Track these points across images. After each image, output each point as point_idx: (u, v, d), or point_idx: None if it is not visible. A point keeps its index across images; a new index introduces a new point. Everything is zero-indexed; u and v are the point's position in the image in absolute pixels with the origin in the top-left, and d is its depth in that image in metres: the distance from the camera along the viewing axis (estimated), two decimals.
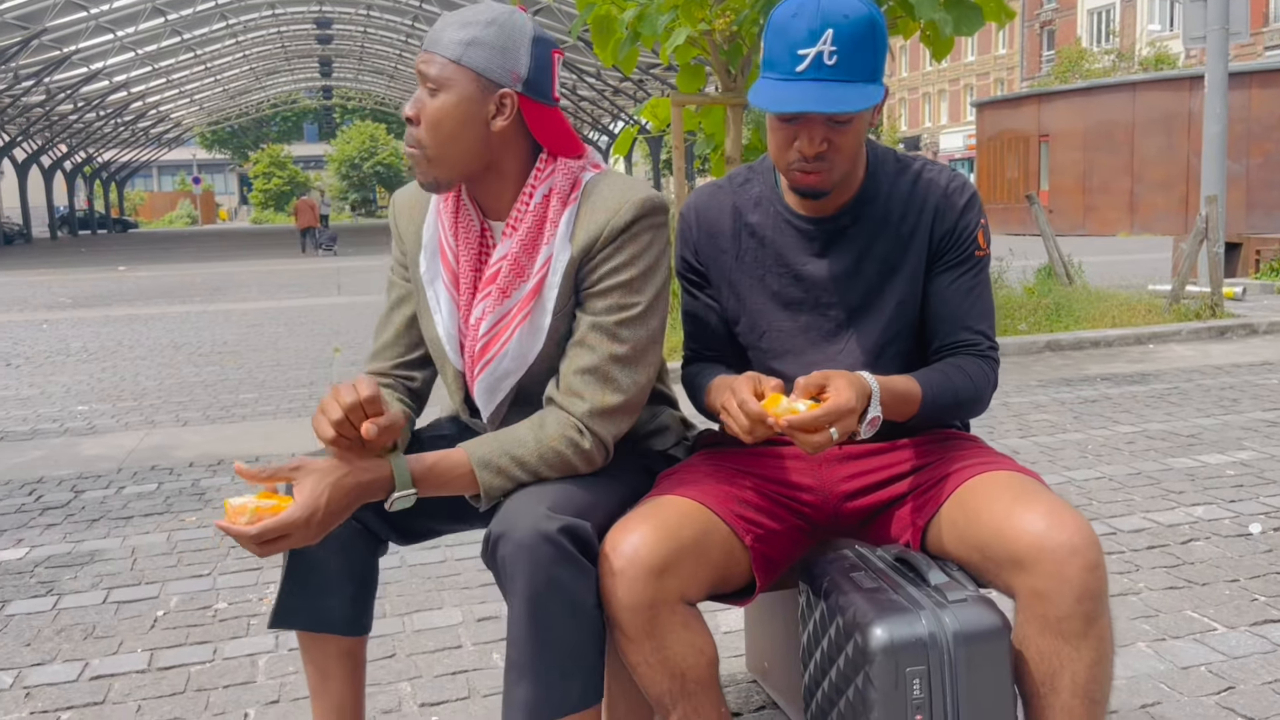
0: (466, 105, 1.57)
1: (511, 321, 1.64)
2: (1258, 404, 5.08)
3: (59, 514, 3.90)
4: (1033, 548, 1.42)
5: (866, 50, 1.51)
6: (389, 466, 1.51)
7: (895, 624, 1.41)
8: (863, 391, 1.51)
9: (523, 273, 1.63)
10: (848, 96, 1.49)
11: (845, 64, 1.50)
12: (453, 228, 1.68)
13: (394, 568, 3.19)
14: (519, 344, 1.65)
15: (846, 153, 1.58)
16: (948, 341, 1.70)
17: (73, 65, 32.42)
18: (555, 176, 1.63)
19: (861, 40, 1.50)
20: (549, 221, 1.62)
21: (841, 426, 1.45)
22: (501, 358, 1.66)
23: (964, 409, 1.70)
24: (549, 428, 1.59)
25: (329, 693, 1.75)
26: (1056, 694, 1.44)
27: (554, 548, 1.46)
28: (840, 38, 1.49)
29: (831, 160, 1.57)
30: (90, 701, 2.38)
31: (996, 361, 1.72)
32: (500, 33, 1.56)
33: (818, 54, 1.49)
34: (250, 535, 1.41)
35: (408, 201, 1.78)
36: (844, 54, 1.49)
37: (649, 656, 1.53)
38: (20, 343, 9.31)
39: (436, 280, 1.70)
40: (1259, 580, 2.82)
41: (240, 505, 1.43)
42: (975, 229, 1.69)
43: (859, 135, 1.58)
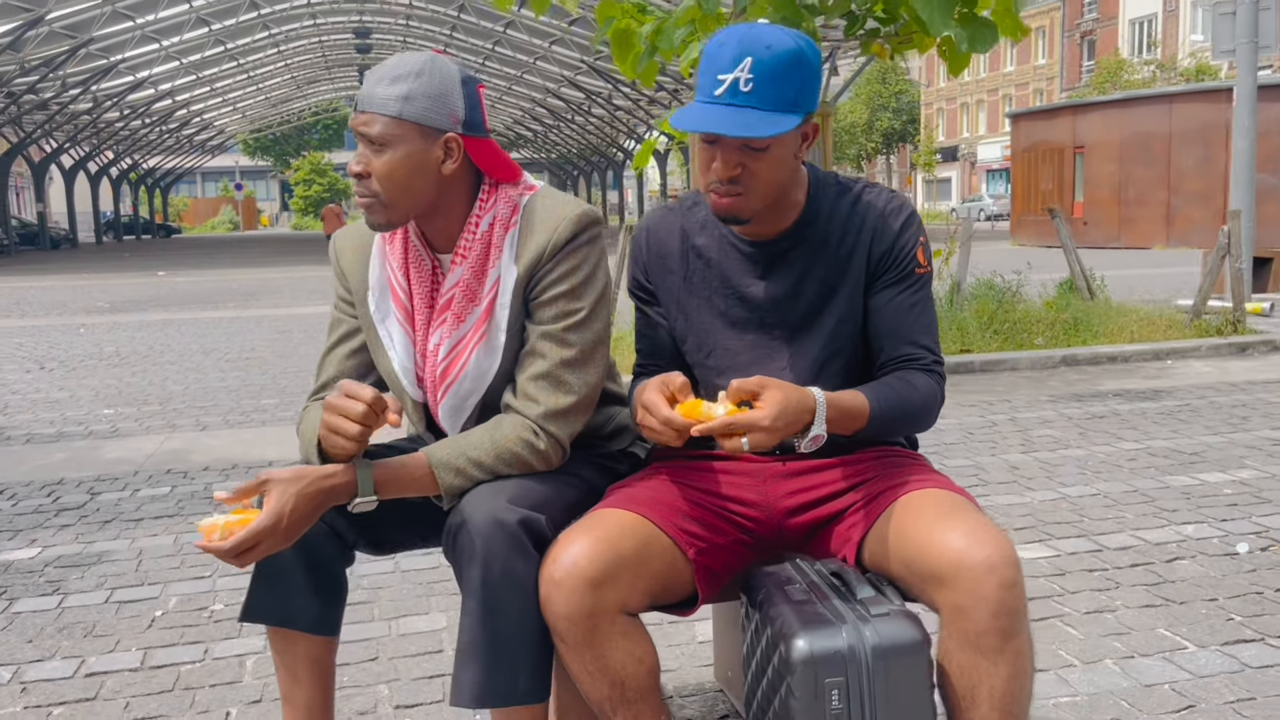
0: (414, 156, 1.65)
1: (468, 344, 1.72)
2: (1268, 422, 5.04)
3: (73, 515, 4.02)
4: (952, 565, 1.46)
5: (785, 82, 1.56)
6: (353, 472, 1.59)
7: (816, 636, 1.46)
8: (798, 408, 1.55)
9: (474, 297, 1.71)
10: (754, 123, 1.55)
11: (760, 92, 1.55)
12: (403, 267, 1.76)
13: (388, 573, 3.27)
14: (477, 364, 1.73)
15: (762, 178, 1.63)
16: (892, 356, 1.75)
17: (119, 74, 33.10)
18: (498, 205, 1.71)
19: (781, 72, 1.56)
20: (494, 246, 1.70)
21: (753, 439, 1.50)
22: (462, 379, 1.73)
23: (912, 422, 1.74)
24: (505, 429, 1.67)
25: (298, 698, 1.82)
26: (976, 707, 1.48)
27: (509, 537, 1.54)
28: (758, 67, 1.55)
29: (746, 185, 1.63)
30: (82, 698, 2.47)
31: (942, 376, 1.76)
32: (431, 81, 1.63)
33: (735, 80, 1.55)
34: (225, 549, 1.50)
35: (350, 243, 1.86)
36: (760, 83, 1.55)
37: (589, 665, 1.58)
38: (56, 346, 9.54)
39: (388, 318, 1.78)
40: (1237, 600, 2.82)
41: (210, 524, 1.52)
42: (913, 248, 1.73)
43: (777, 162, 1.63)
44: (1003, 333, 7.44)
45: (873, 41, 6.99)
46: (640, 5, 6.96)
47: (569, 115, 44.77)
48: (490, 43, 34.87)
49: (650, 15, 6.89)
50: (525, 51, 34.99)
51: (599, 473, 1.85)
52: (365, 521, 1.78)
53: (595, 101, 38.76)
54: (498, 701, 1.59)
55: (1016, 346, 7.22)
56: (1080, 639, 2.60)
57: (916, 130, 55.27)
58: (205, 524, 1.51)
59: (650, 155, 8.28)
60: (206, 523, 1.51)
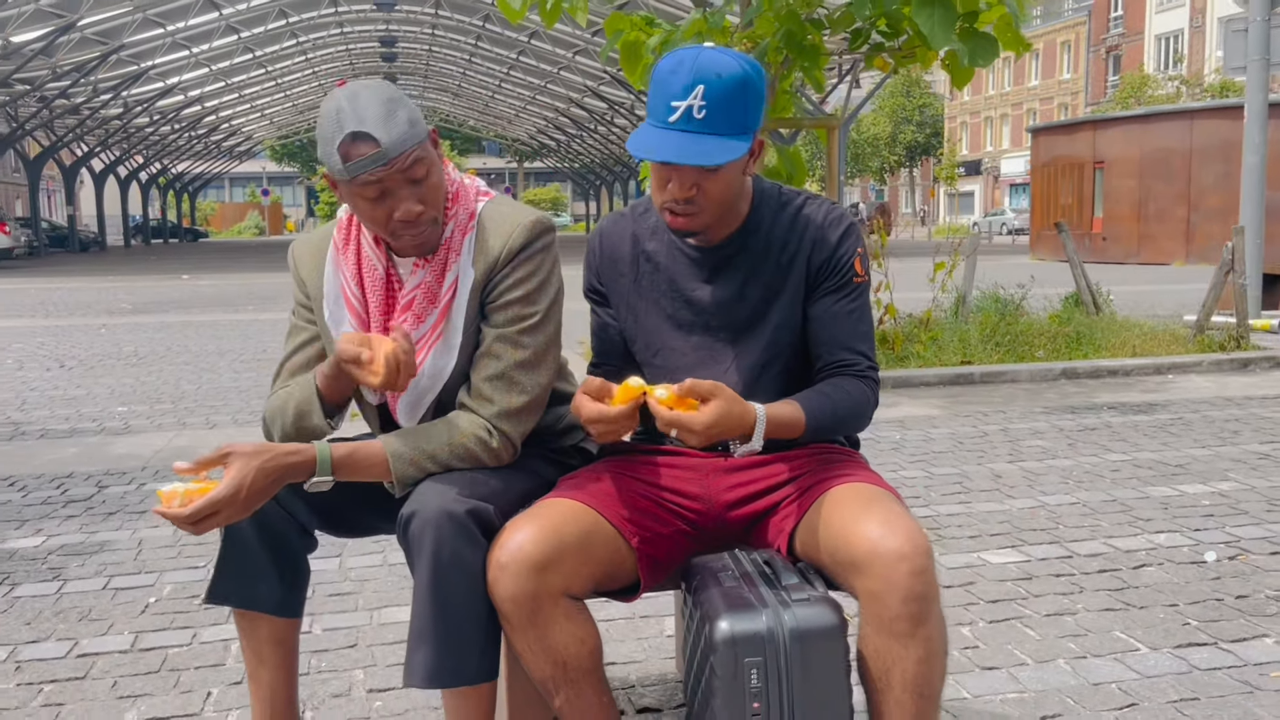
0: (437, 166, 1.76)
1: (426, 343, 1.82)
2: (1257, 436, 5.07)
3: (79, 507, 4.15)
4: (868, 553, 1.54)
5: (736, 107, 1.65)
6: (314, 450, 1.69)
7: (738, 619, 1.54)
8: (737, 423, 1.63)
9: (434, 299, 1.81)
10: (711, 150, 1.63)
11: (713, 118, 1.64)
12: (356, 277, 1.85)
13: (375, 566, 3.37)
14: (433, 362, 1.82)
15: (715, 197, 1.72)
16: (829, 362, 1.83)
17: (149, 80, 33.62)
18: (459, 210, 1.81)
19: (732, 98, 1.64)
20: (452, 250, 1.80)
21: (681, 436, 1.59)
22: (420, 377, 1.83)
23: (845, 425, 1.82)
24: (460, 425, 1.77)
25: (263, 678, 1.91)
26: (890, 689, 1.56)
27: (458, 526, 1.64)
28: (710, 94, 1.63)
29: (700, 204, 1.72)
30: (72, 676, 2.58)
31: (876, 381, 1.85)
32: (397, 91, 1.70)
33: (689, 107, 1.64)
34: (184, 516, 1.59)
35: (307, 250, 1.94)
36: (713, 109, 1.63)
37: (532, 644, 1.68)
38: (77, 345, 9.74)
39: (342, 324, 1.87)
40: (1197, 606, 2.88)
41: (171, 491, 1.61)
42: (851, 258, 1.82)
43: (728, 181, 1.72)
44: (1004, 345, 7.49)
45: (877, 56, 7.08)
46: (648, 18, 7.08)
47: (591, 125, 45.00)
48: (515, 53, 35.17)
49: (658, 28, 7.00)
50: (549, 62, 35.24)
51: (551, 466, 1.95)
52: (325, 504, 1.87)
53: (618, 112, 38.95)
54: (448, 681, 1.68)
55: (1017, 359, 7.26)
56: (1037, 639, 2.67)
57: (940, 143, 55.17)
58: (165, 490, 1.59)
59: None
60: (167, 489, 1.59)
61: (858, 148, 51.97)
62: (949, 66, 6.66)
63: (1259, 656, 2.54)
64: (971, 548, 3.43)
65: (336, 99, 1.67)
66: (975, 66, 6.13)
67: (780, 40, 6.63)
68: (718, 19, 6.69)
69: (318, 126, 1.70)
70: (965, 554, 3.37)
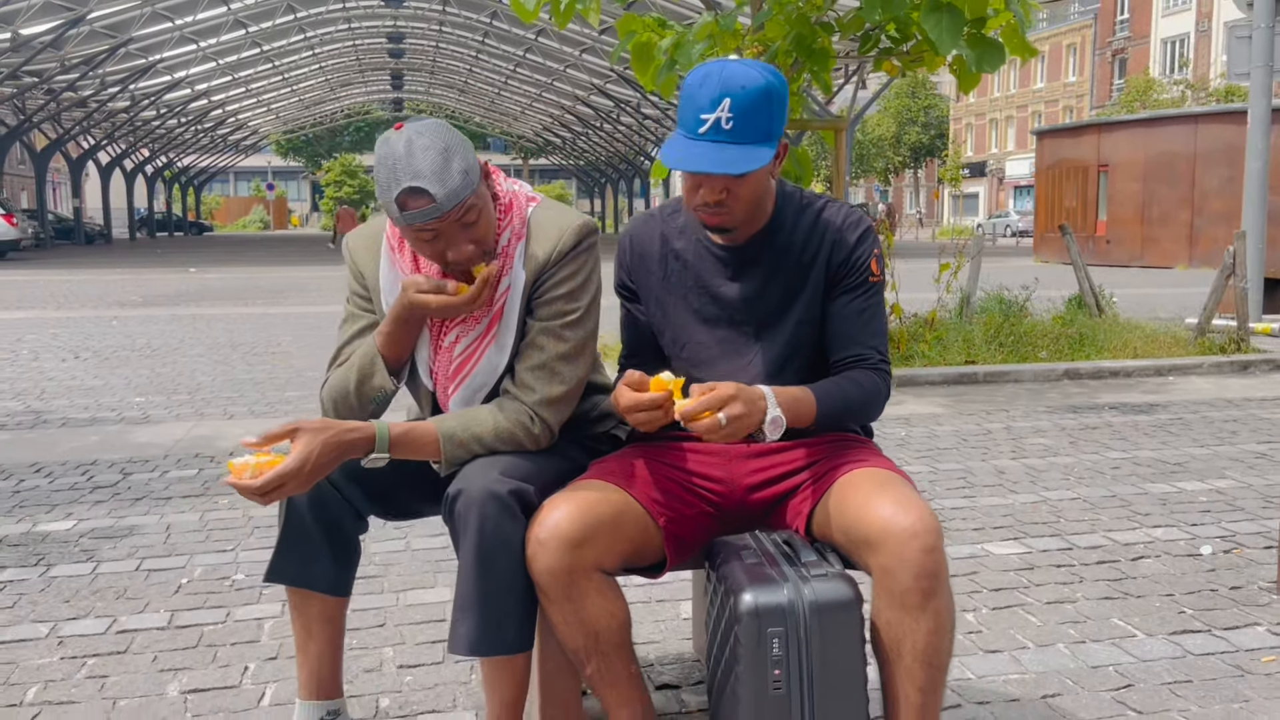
0: (489, 206, 1.88)
1: (482, 342, 1.95)
2: (1255, 436, 5.18)
3: (106, 493, 4.27)
4: (882, 531, 1.66)
5: (760, 116, 1.77)
6: (373, 428, 1.81)
7: (761, 592, 1.66)
8: (750, 392, 1.75)
9: (489, 302, 1.92)
10: (738, 159, 1.75)
11: (740, 128, 1.75)
12: (414, 270, 1.96)
13: (399, 550, 3.49)
14: (489, 360, 1.95)
15: (744, 199, 1.84)
16: (844, 356, 1.95)
17: (157, 73, 33.74)
18: (514, 219, 1.92)
19: (756, 108, 1.76)
20: (508, 256, 1.92)
21: (729, 411, 1.69)
22: (475, 374, 1.96)
23: (857, 414, 1.94)
24: (506, 412, 1.89)
25: (311, 650, 2.04)
26: (901, 659, 1.67)
27: (501, 505, 1.76)
28: (736, 106, 1.75)
29: (730, 206, 1.84)
30: (114, 651, 2.70)
31: (888, 373, 1.96)
32: (453, 136, 1.79)
33: (716, 119, 1.75)
34: (255, 488, 1.70)
35: (362, 244, 2.06)
36: (739, 120, 1.75)
37: (568, 616, 1.79)
38: (90, 337, 9.86)
39: None
40: (1192, 595, 2.99)
41: (244, 464, 1.71)
42: (868, 259, 1.93)
43: (756, 183, 1.84)
44: (1008, 345, 7.60)
45: (886, 59, 7.19)
46: (660, 20, 7.18)
47: (597, 123, 45.11)
48: (522, 50, 35.26)
49: (670, 30, 7.11)
50: (555, 59, 35.34)
51: (584, 451, 2.07)
52: (377, 488, 1.99)
53: (624, 110, 39.06)
54: (488, 650, 1.80)
55: (1021, 359, 7.37)
56: (1038, 625, 2.78)
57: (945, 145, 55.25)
58: (237, 463, 1.70)
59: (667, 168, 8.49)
60: (238, 461, 1.70)
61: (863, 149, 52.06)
62: (956, 71, 6.77)
63: (1251, 643, 2.66)
64: (975, 539, 3.54)
65: (394, 146, 1.76)
66: (983, 72, 6.24)
67: (790, 44, 6.73)
68: (729, 21, 6.79)
69: (375, 168, 1.80)
70: (969, 545, 3.48)
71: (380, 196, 1.79)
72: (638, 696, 1.87)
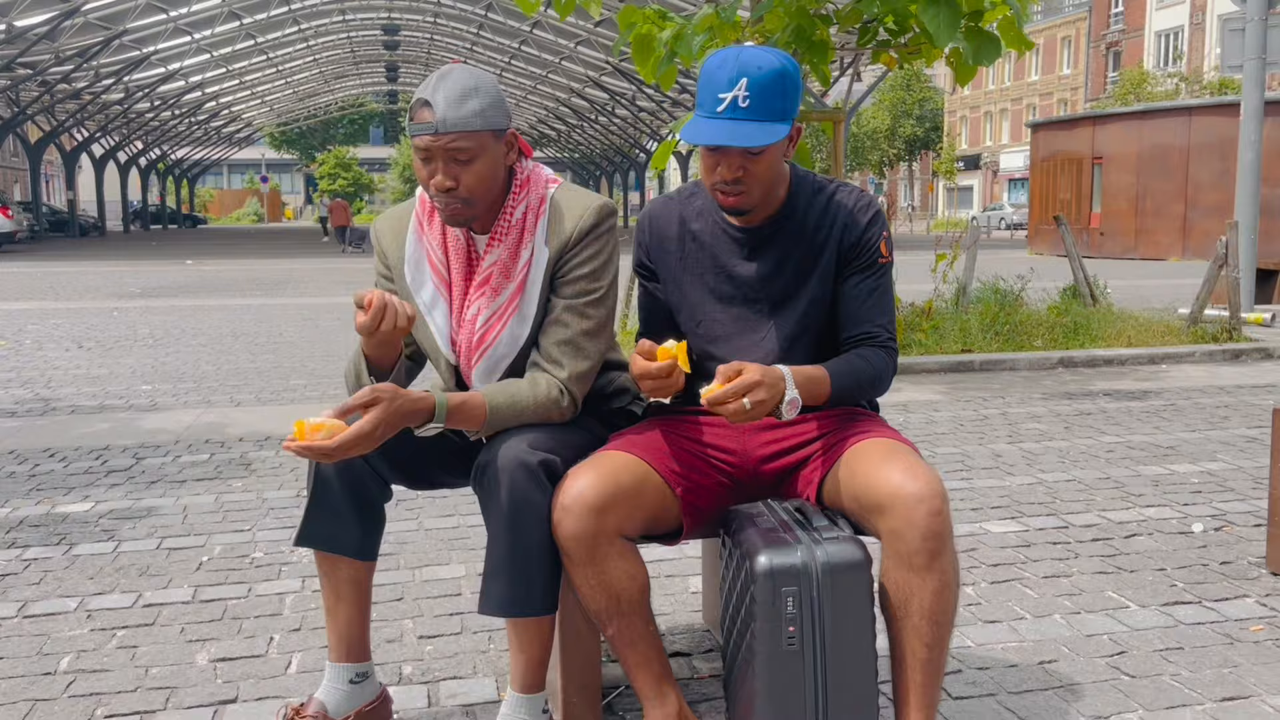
0: (494, 159, 1.96)
1: (504, 314, 2.03)
2: (1246, 421, 5.29)
3: (121, 476, 4.35)
4: (890, 496, 1.75)
5: (775, 96, 1.86)
6: (434, 399, 1.88)
7: (776, 553, 1.75)
8: (772, 375, 1.84)
9: (509, 274, 2.02)
10: (755, 134, 1.84)
11: (756, 107, 1.85)
12: (442, 246, 2.06)
13: (411, 530, 3.58)
14: (511, 331, 2.04)
15: (759, 178, 1.92)
16: (854, 334, 2.04)
17: (151, 65, 33.71)
18: (530, 194, 2.01)
19: (771, 88, 1.85)
20: (527, 230, 2.01)
21: (753, 397, 1.78)
22: (497, 345, 2.04)
23: (867, 390, 2.03)
24: (541, 387, 1.99)
25: (340, 614, 2.13)
26: (909, 616, 1.77)
27: (529, 474, 1.85)
28: (753, 85, 1.84)
29: (747, 184, 1.92)
30: (142, 623, 2.79)
31: (895, 350, 2.05)
32: (489, 89, 1.92)
33: (734, 98, 1.85)
34: (330, 447, 1.76)
35: (388, 226, 2.16)
36: (755, 98, 1.85)
37: (590, 579, 1.89)
38: (92, 328, 9.92)
39: (424, 289, 2.08)
40: (1184, 570, 3.09)
41: (318, 424, 1.77)
42: (877, 241, 2.02)
43: (771, 163, 1.93)
44: (1004, 334, 7.70)
45: (884, 51, 7.28)
46: (661, 12, 7.26)
47: (592, 115, 45.13)
48: (516, 42, 35.28)
49: (670, 22, 7.18)
50: (551, 51, 35.36)
51: (603, 424, 2.17)
52: (403, 460, 2.08)
53: (619, 102, 39.09)
54: (518, 611, 1.90)
55: (1016, 348, 7.47)
56: (1035, 598, 2.88)
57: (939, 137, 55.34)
58: (314, 422, 1.76)
59: (669, 156, 8.57)
60: (315, 421, 1.76)
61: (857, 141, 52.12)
62: (953, 64, 6.86)
63: (1239, 614, 2.76)
64: (974, 519, 3.64)
65: (440, 70, 1.93)
66: (980, 64, 6.33)
67: (790, 35, 6.81)
68: (729, 13, 6.87)
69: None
70: (968, 525, 3.58)
71: None
72: (656, 656, 1.97)
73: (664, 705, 1.97)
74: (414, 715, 2.26)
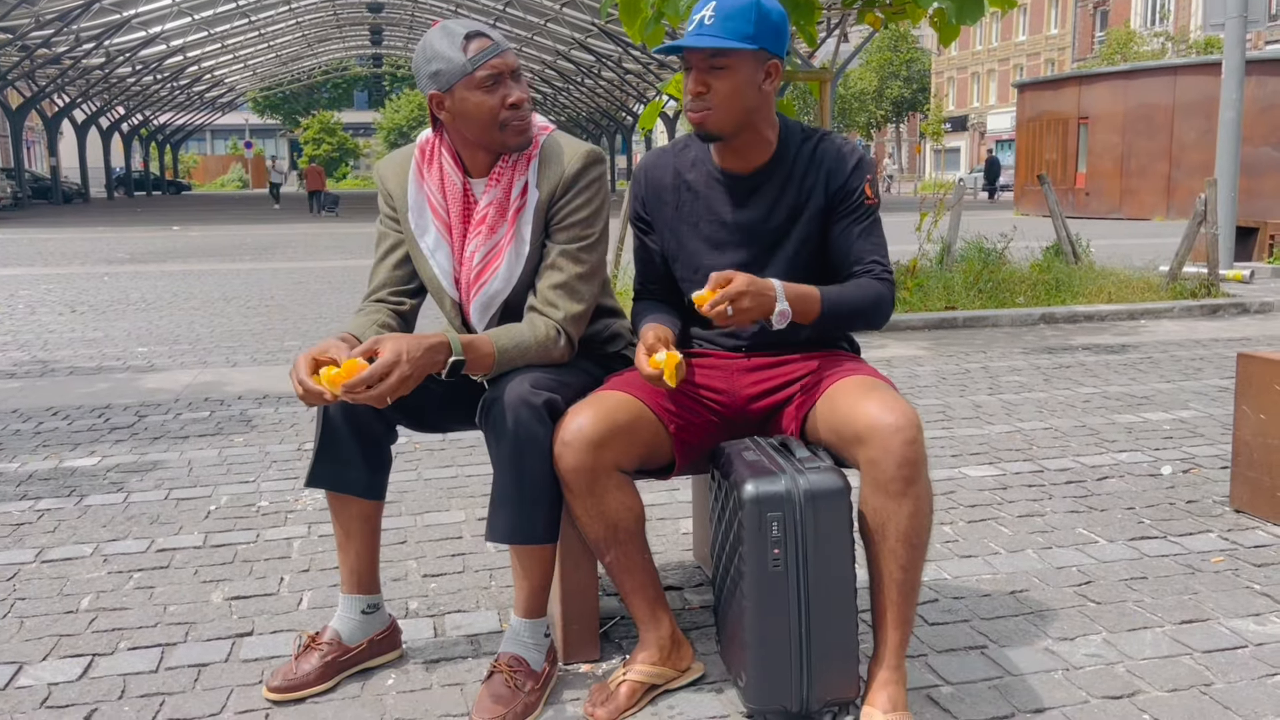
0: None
1: (500, 251, 2.14)
2: (1219, 373, 5.45)
3: (125, 433, 4.46)
4: (868, 427, 1.88)
5: (742, 19, 1.99)
6: (445, 336, 1.98)
7: (761, 482, 1.88)
8: (759, 285, 1.96)
9: (504, 214, 2.13)
10: (710, 40, 1.98)
11: (720, 24, 1.99)
12: (441, 190, 2.17)
13: (411, 480, 3.70)
14: (507, 267, 2.15)
15: (724, 96, 2.03)
16: (850, 270, 2.15)
17: (132, 29, 33.30)
18: None
19: (738, 12, 1.99)
20: (518, 172, 2.11)
21: (737, 305, 1.92)
22: (494, 280, 2.15)
23: (861, 316, 2.11)
24: (539, 329, 2.11)
25: (351, 549, 2.25)
26: (885, 539, 1.90)
27: (533, 411, 1.98)
28: (720, 7, 2.00)
29: (713, 101, 2.04)
30: (157, 566, 2.91)
31: (891, 282, 2.14)
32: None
33: (701, 18, 2.00)
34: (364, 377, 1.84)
35: (391, 168, 2.26)
36: (720, 18, 1.99)
37: (590, 510, 2.01)
38: (84, 292, 9.97)
39: (427, 232, 2.19)
40: (1151, 509, 3.25)
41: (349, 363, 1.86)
42: (861, 184, 2.13)
43: (736, 84, 2.02)
44: (987, 291, 7.83)
45: (869, 11, 7.34)
46: None
47: (579, 78, 44.84)
48: (501, 4, 34.96)
49: None
50: (536, 13, 35.09)
51: (600, 367, 2.29)
52: (408, 402, 2.19)
53: (605, 65, 38.85)
54: (522, 539, 2.03)
55: (999, 305, 7.61)
56: (1009, 535, 3.03)
57: (926, 99, 55.23)
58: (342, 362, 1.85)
59: (656, 116, 8.63)
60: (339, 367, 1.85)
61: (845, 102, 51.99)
62: (936, 24, 6.93)
63: (1202, 546, 2.91)
64: (953, 465, 3.79)
65: (438, 28, 2.03)
66: (963, 24, 6.40)
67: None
68: None
69: (422, 55, 2.05)
70: (947, 469, 3.72)
71: (434, 67, 2.03)
72: (650, 583, 2.10)
73: (658, 628, 2.11)
74: (421, 644, 2.39)
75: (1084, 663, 2.23)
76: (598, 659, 2.28)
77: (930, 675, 2.19)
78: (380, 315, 2.21)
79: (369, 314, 2.22)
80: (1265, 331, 7.00)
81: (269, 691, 2.12)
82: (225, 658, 2.33)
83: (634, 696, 2.05)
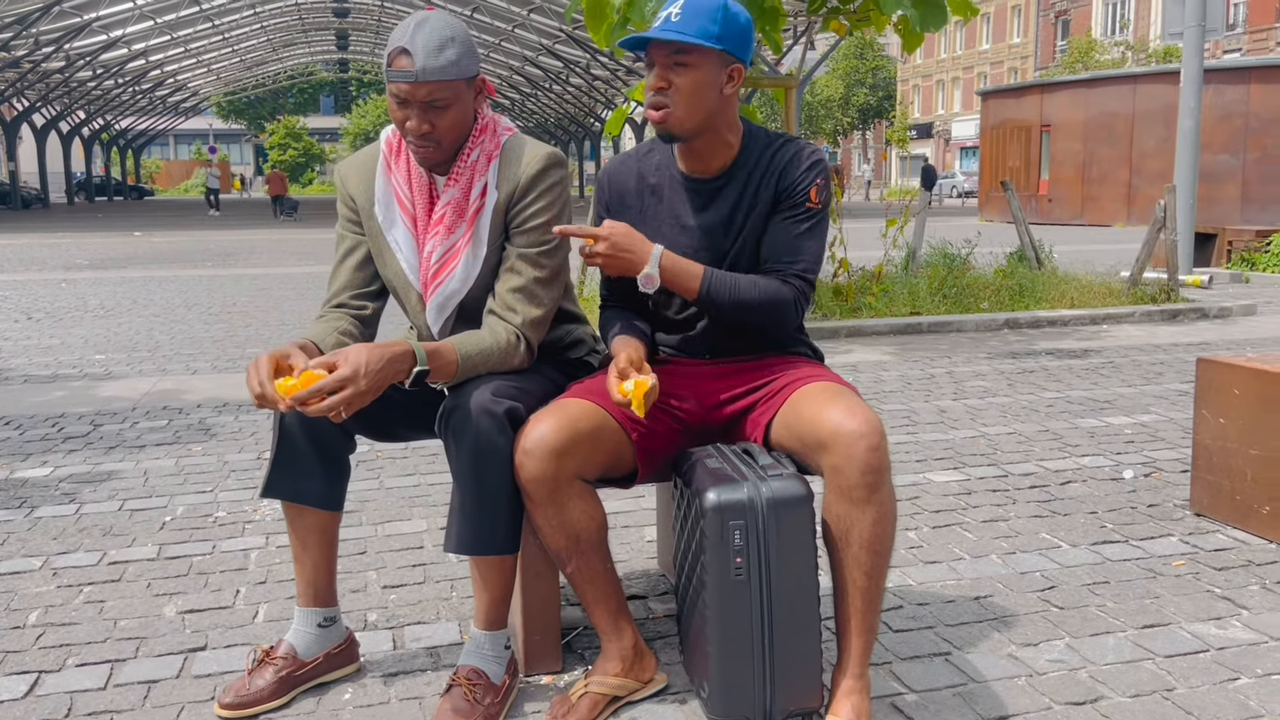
0: (467, 105, 2.05)
1: (458, 252, 2.11)
2: (1179, 377, 5.50)
3: (79, 442, 4.36)
4: (832, 434, 1.86)
5: (707, 19, 1.97)
6: (409, 345, 1.93)
7: (724, 490, 1.86)
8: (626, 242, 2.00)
9: (462, 214, 2.10)
10: (672, 35, 1.96)
11: (685, 22, 1.97)
12: (408, 184, 2.13)
13: (373, 489, 3.64)
14: (464, 268, 2.11)
15: (684, 92, 2.00)
16: (766, 267, 2.11)
17: (92, 32, 32.87)
18: (486, 140, 2.09)
19: (705, 11, 1.97)
20: (478, 173, 2.08)
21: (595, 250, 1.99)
22: (450, 281, 2.12)
23: (751, 311, 2.06)
24: (500, 334, 2.07)
25: (307, 560, 2.21)
26: (849, 546, 1.88)
27: (494, 420, 1.94)
28: (688, 6, 1.98)
29: (673, 99, 2.01)
30: (108, 579, 2.84)
31: (798, 287, 2.08)
32: (464, 37, 2.00)
33: (668, 15, 1.99)
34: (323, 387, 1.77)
35: (354, 169, 2.22)
36: (686, 16, 1.97)
37: (551, 519, 1.98)
38: (41, 299, 9.80)
39: (395, 226, 2.15)
40: (1114, 513, 3.26)
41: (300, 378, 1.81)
42: (808, 187, 2.10)
43: (697, 82, 2.00)
44: (951, 297, 7.88)
45: (834, 18, 7.37)
46: None
47: (546, 84, 44.80)
48: (468, 9, 34.85)
49: None
50: (503, 19, 35.01)
51: (562, 374, 2.26)
52: (367, 413, 2.15)
53: (573, 71, 38.84)
54: (481, 550, 1.99)
55: (963, 310, 7.65)
56: (974, 540, 3.03)
57: (892, 106, 55.67)
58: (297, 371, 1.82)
59: (622, 123, 8.62)
60: (295, 375, 1.81)
61: (811, 110, 52.30)
62: (901, 31, 6.97)
63: (1163, 550, 2.92)
64: (918, 470, 3.78)
65: (414, 17, 1.99)
66: (927, 32, 6.44)
67: (741, 1, 6.87)
68: None
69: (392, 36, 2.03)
70: (912, 475, 3.72)
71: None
72: (613, 593, 2.07)
73: (620, 639, 2.08)
74: (380, 658, 2.35)
75: (1048, 668, 2.23)
76: (560, 670, 2.24)
77: (894, 683, 2.18)
78: (342, 323, 2.16)
79: (330, 321, 2.17)
80: (1224, 336, 7.09)
81: (221, 709, 2.07)
82: (177, 674, 2.27)
83: (596, 709, 2.02)
